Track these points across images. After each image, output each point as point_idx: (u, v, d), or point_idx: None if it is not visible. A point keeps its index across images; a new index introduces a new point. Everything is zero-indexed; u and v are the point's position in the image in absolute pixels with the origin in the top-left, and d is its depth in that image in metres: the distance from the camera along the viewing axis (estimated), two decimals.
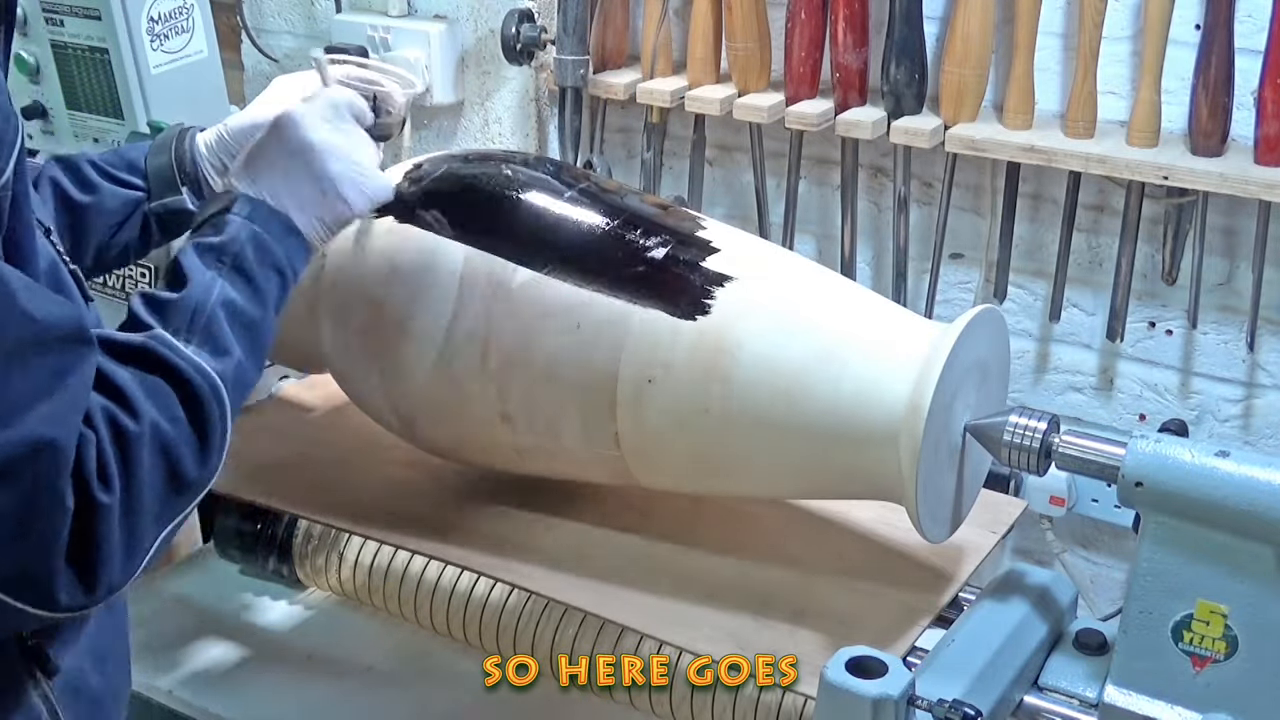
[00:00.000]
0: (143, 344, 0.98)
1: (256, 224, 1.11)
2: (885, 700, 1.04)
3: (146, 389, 0.95)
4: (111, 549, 0.91)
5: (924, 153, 2.01)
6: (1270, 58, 1.74)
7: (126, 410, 0.93)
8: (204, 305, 1.03)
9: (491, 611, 1.47)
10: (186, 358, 0.99)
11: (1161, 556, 1.08)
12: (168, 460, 0.95)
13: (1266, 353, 1.92)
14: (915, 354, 1.17)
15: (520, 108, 2.31)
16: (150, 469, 0.93)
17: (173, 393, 0.97)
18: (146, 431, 0.93)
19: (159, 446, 0.94)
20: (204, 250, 1.08)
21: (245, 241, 1.09)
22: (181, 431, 0.96)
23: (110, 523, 0.90)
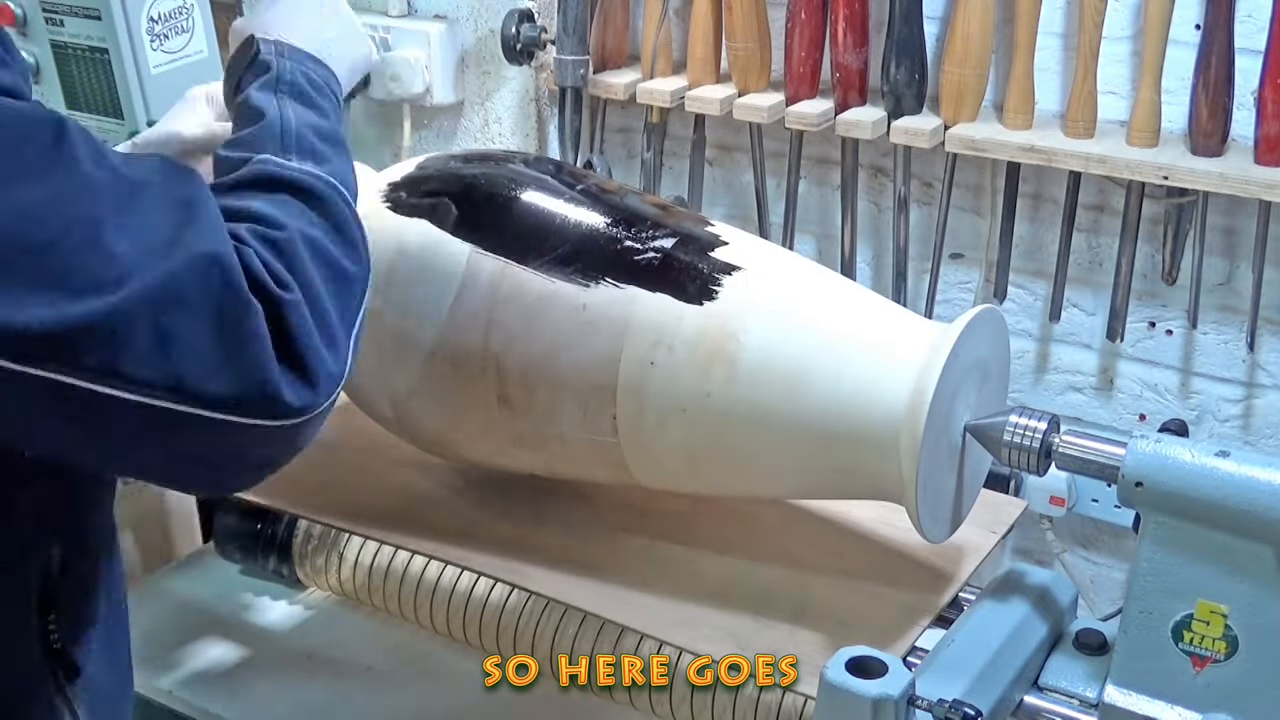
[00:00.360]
0: (253, 171, 0.99)
1: (290, 60, 1.11)
2: (885, 700, 1.04)
3: (276, 204, 0.96)
4: (313, 340, 0.91)
5: (924, 153, 2.01)
6: (1270, 58, 1.74)
7: (269, 224, 0.94)
8: (289, 126, 1.04)
9: (491, 611, 1.47)
10: (297, 169, 1.00)
11: (1161, 556, 1.08)
12: (325, 259, 0.95)
13: (1266, 353, 1.92)
14: (915, 354, 1.17)
15: (520, 108, 2.31)
16: (313, 268, 0.94)
17: (300, 202, 0.97)
18: (296, 237, 0.94)
19: (312, 248, 0.95)
20: (261, 86, 1.08)
21: (291, 72, 1.10)
22: (326, 233, 0.97)
23: (302, 316, 0.90)
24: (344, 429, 1.56)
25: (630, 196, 1.36)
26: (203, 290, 0.86)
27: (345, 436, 1.55)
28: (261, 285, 0.89)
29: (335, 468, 1.49)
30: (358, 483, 1.46)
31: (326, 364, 0.92)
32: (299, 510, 1.46)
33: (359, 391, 1.42)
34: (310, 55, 1.13)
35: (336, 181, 1.01)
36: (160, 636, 1.58)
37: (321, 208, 0.98)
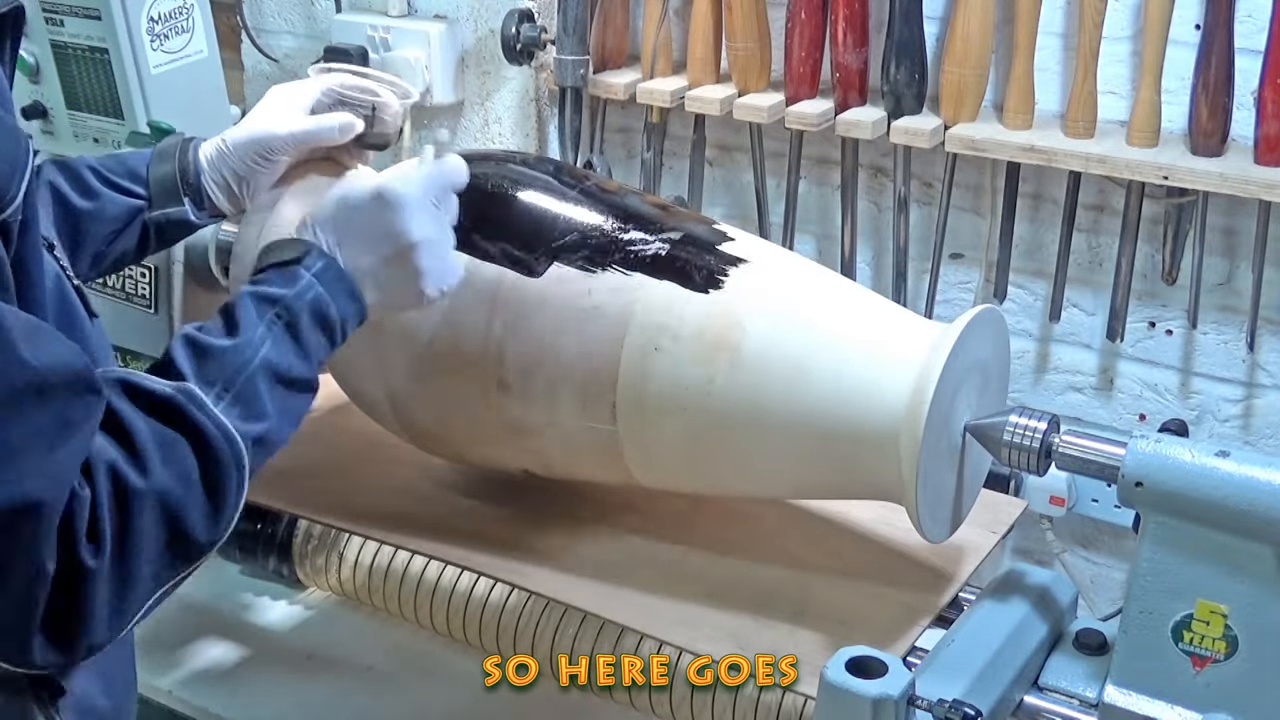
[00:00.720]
0: (170, 397, 0.95)
1: (323, 284, 1.08)
2: (885, 700, 1.04)
3: (162, 445, 0.92)
4: (94, 612, 0.88)
5: (924, 153, 2.01)
6: (1270, 58, 1.74)
7: (135, 465, 0.90)
8: (247, 364, 1.00)
9: (491, 611, 1.47)
10: (214, 418, 0.95)
11: (1161, 556, 1.08)
12: (172, 522, 0.92)
13: (1266, 353, 1.92)
14: (915, 354, 1.17)
15: (520, 108, 2.31)
16: (151, 530, 0.90)
17: (191, 453, 0.93)
18: (153, 491, 0.90)
19: (164, 507, 0.91)
20: (261, 301, 1.05)
21: (307, 302, 1.06)
22: (193, 494, 0.93)
23: (96, 586, 0.87)
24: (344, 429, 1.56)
25: (632, 196, 1.36)
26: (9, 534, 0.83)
27: (345, 437, 1.55)
28: (73, 544, 0.85)
29: (335, 468, 1.49)
30: (358, 483, 1.46)
31: (95, 636, 0.89)
32: (299, 510, 1.46)
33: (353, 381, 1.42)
34: (348, 286, 1.09)
35: (244, 445, 0.97)
36: (160, 636, 1.57)
37: (210, 469, 0.94)
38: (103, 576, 0.87)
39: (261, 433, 0.99)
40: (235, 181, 1.34)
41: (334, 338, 1.09)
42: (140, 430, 0.92)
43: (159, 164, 1.33)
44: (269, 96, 1.37)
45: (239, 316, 1.03)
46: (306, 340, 1.05)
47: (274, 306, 1.05)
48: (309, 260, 1.08)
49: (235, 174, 1.34)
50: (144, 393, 0.94)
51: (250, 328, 1.02)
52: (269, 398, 1.01)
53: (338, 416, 1.60)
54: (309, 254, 1.09)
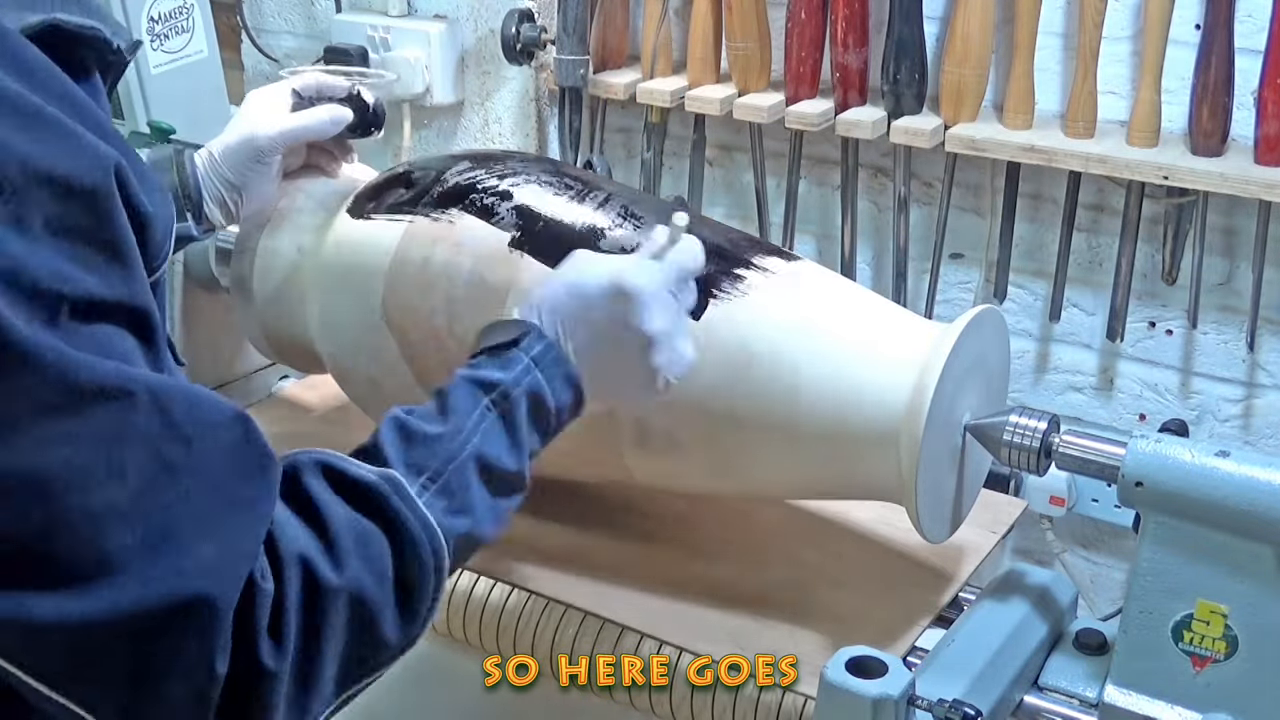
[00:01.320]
0: (371, 484, 0.87)
1: (541, 369, 1.00)
2: (885, 700, 1.04)
3: (358, 537, 0.84)
4: (274, 716, 0.79)
5: (924, 153, 2.01)
6: (1270, 58, 1.74)
7: (330, 559, 0.82)
8: (456, 453, 0.93)
9: (491, 611, 1.47)
10: (418, 512, 0.88)
11: (1161, 556, 1.08)
12: (364, 622, 0.84)
13: (1266, 353, 1.92)
14: (915, 354, 1.17)
15: (520, 108, 2.31)
16: (339, 630, 0.82)
17: (389, 547, 0.85)
18: (346, 588, 0.82)
19: (356, 606, 0.83)
20: (477, 385, 0.98)
21: (525, 389, 0.98)
22: (386, 593, 0.85)
23: (277, 691, 0.78)
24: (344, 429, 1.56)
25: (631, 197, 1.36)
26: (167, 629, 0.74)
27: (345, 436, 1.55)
28: (253, 643, 0.77)
29: None
30: None
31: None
32: None
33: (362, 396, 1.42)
34: (566, 371, 1.01)
35: (447, 543, 0.89)
36: None
37: (407, 563, 0.86)
38: (283, 679, 0.79)
39: (465, 530, 0.92)
40: (229, 190, 1.32)
41: (548, 428, 1.01)
42: (337, 518, 0.84)
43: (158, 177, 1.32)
44: (247, 102, 1.35)
45: (451, 401, 0.96)
46: (520, 431, 0.98)
47: (489, 393, 0.97)
48: (527, 342, 1.01)
49: (228, 182, 1.32)
50: (349, 479, 0.87)
51: (464, 415, 0.95)
52: (477, 493, 0.94)
53: (338, 416, 1.60)
54: (527, 335, 1.01)
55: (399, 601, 0.86)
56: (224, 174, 1.32)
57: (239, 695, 0.77)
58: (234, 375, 1.70)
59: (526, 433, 0.98)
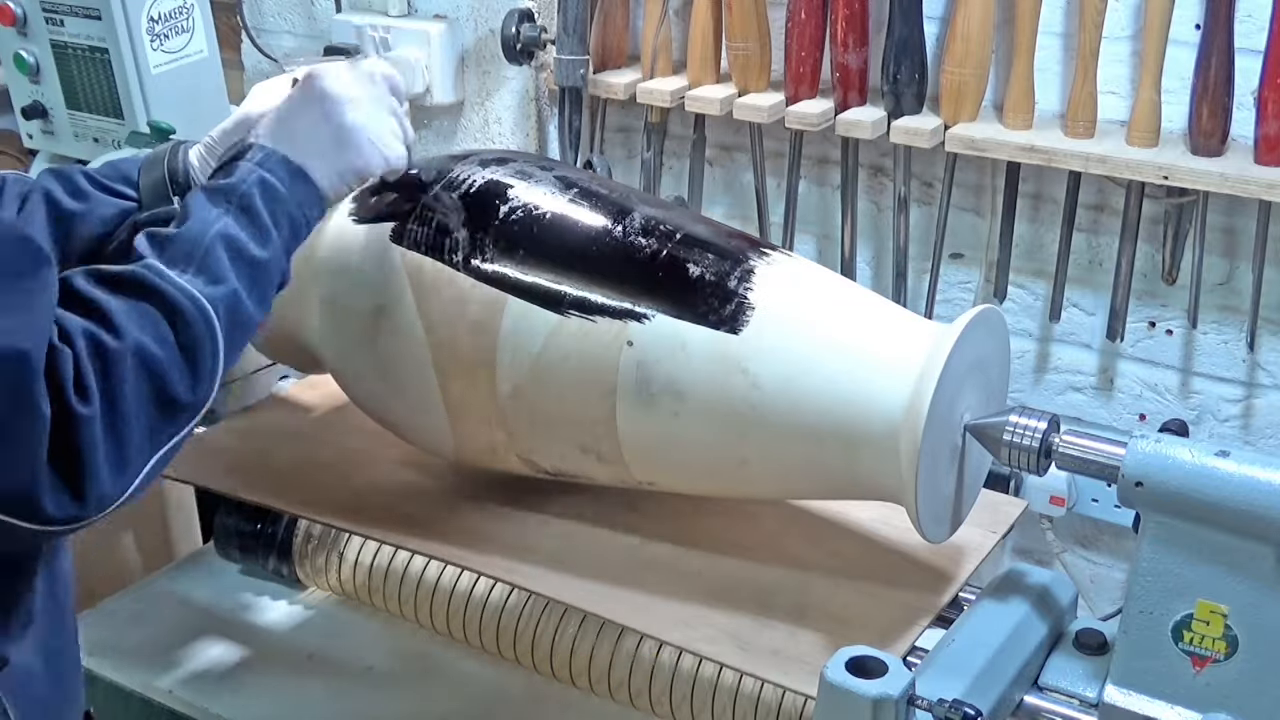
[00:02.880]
0: (131, 271, 1.00)
1: (266, 169, 1.12)
2: (885, 700, 1.04)
3: (131, 311, 0.97)
4: (96, 459, 0.92)
5: (924, 153, 2.01)
6: (1270, 58, 1.74)
7: (108, 329, 0.95)
8: (202, 237, 1.04)
9: (491, 611, 1.47)
10: (175, 283, 1.00)
11: (1161, 556, 1.08)
12: (153, 379, 0.96)
13: (1266, 353, 1.92)
14: (915, 354, 1.17)
15: (520, 108, 2.31)
16: (134, 385, 0.95)
17: (160, 316, 0.98)
18: (129, 350, 0.95)
19: (143, 365, 0.95)
20: (211, 191, 1.10)
21: (253, 184, 1.10)
22: (169, 353, 0.97)
23: (92, 433, 0.91)
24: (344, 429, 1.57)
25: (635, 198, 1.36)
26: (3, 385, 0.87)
27: (345, 436, 1.55)
28: (60, 392, 0.90)
29: (335, 468, 1.49)
30: (358, 483, 1.47)
31: (102, 483, 0.93)
32: (299, 510, 1.46)
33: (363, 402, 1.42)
34: (293, 168, 1.14)
35: (215, 304, 1.01)
36: (160, 636, 1.58)
37: (180, 328, 0.99)
38: (96, 423, 0.91)
39: (227, 295, 1.03)
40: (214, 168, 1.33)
41: (294, 220, 1.12)
42: (106, 301, 0.96)
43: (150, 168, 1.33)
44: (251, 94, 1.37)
45: (191, 206, 1.08)
46: (262, 220, 1.09)
47: (223, 193, 1.09)
48: (249, 154, 1.13)
49: None
50: (107, 274, 0.99)
51: (202, 211, 1.07)
52: (231, 268, 1.04)
53: (338, 416, 1.60)
54: (248, 149, 1.14)
55: (182, 362, 0.98)
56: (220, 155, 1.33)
57: (62, 442, 0.90)
58: (234, 375, 1.70)
59: (269, 221, 1.09)
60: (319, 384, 1.65)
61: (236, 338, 1.04)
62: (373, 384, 1.39)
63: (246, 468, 1.50)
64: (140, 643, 1.57)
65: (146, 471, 0.97)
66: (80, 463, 0.91)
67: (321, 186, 1.16)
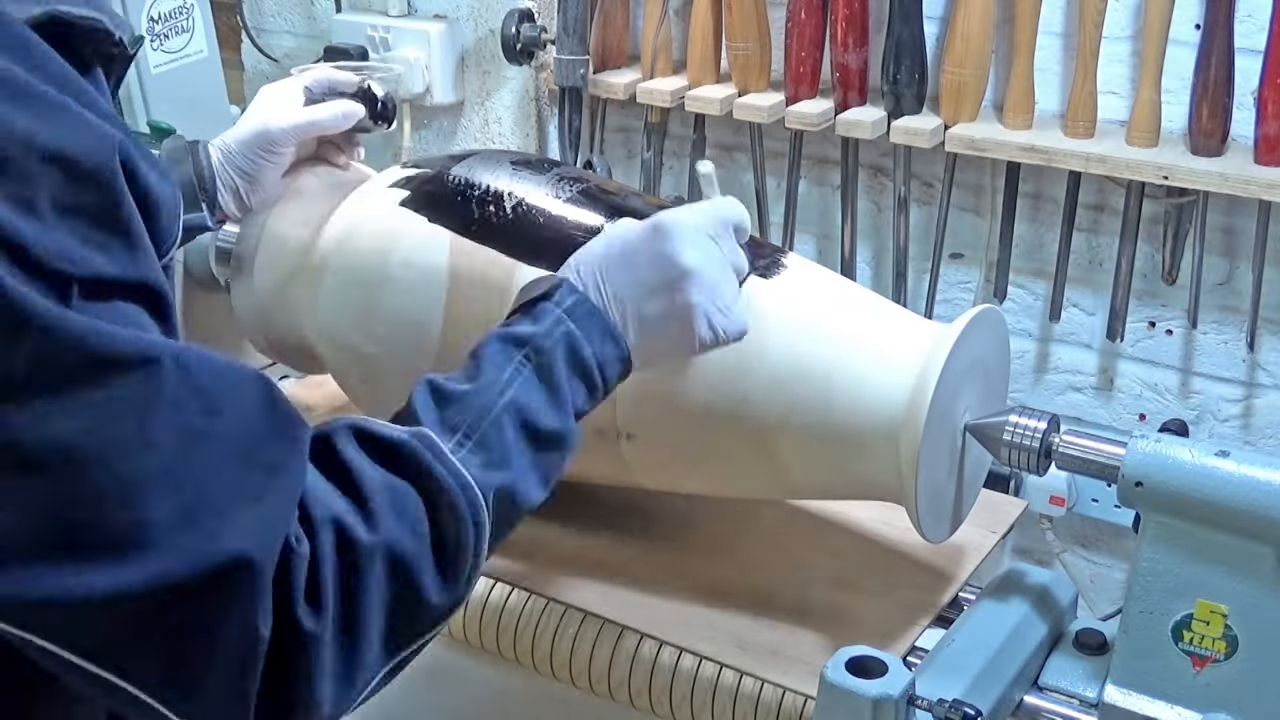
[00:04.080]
0: (402, 442, 0.86)
1: (575, 321, 0.98)
2: (885, 700, 1.04)
3: (392, 496, 0.83)
4: (317, 682, 0.78)
5: (924, 153, 2.01)
6: (1270, 58, 1.74)
7: (363, 518, 0.81)
8: (490, 407, 0.91)
9: (491, 611, 1.47)
10: (450, 465, 0.86)
11: (1161, 556, 1.08)
12: (403, 581, 0.82)
13: (1266, 353, 1.92)
14: (915, 354, 1.17)
15: (520, 108, 2.31)
16: (380, 590, 0.81)
17: (424, 504, 0.84)
18: (380, 546, 0.81)
19: (394, 564, 0.82)
20: (508, 341, 0.95)
21: (558, 339, 0.96)
22: (424, 549, 0.84)
23: (318, 652, 0.78)
24: None
25: (633, 197, 1.36)
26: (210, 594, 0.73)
27: None
28: (290, 605, 0.76)
29: None
30: None
31: (322, 706, 0.79)
32: None
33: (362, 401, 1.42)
34: (602, 323, 0.99)
35: (484, 496, 0.87)
36: None
37: (443, 519, 0.85)
38: (325, 641, 0.78)
39: (505, 484, 0.89)
40: (242, 181, 1.34)
41: (592, 383, 0.98)
42: (370, 479, 0.83)
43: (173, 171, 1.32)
44: (260, 96, 1.37)
45: (483, 359, 0.94)
46: (559, 385, 0.95)
47: (522, 348, 0.95)
48: (559, 295, 0.99)
49: (242, 172, 1.34)
50: (376, 439, 0.86)
51: (495, 369, 0.93)
52: (515, 447, 0.91)
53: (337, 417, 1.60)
54: (560, 288, 0.99)
55: (438, 559, 0.84)
56: (237, 164, 1.33)
57: (281, 660, 0.76)
58: None
59: (566, 386, 0.96)
60: (319, 384, 1.65)
61: (506, 530, 0.91)
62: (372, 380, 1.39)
63: None
64: None
65: (374, 684, 0.85)
66: (300, 687, 0.77)
67: (633, 349, 1.01)
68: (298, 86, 1.36)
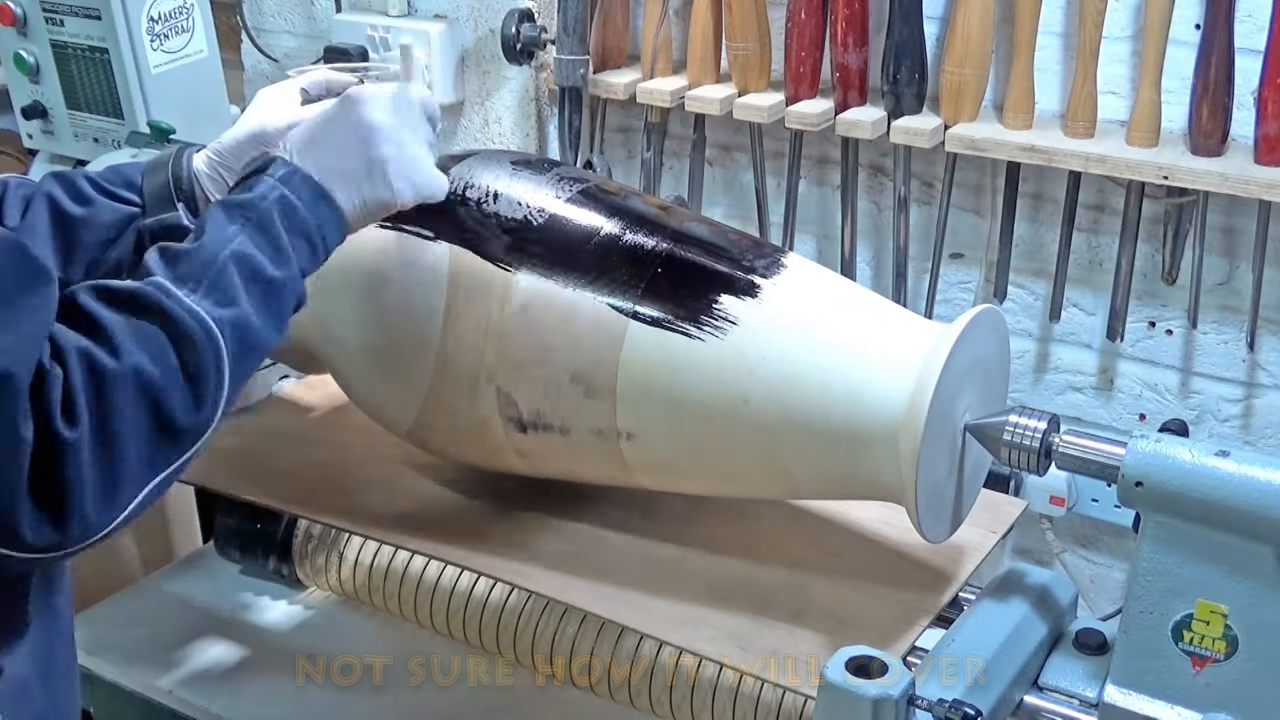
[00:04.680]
0: (137, 289, 0.97)
1: (288, 187, 1.09)
2: (885, 700, 1.04)
3: (133, 331, 0.94)
4: (81, 487, 0.89)
5: (924, 153, 2.01)
6: (1270, 58, 1.74)
7: (106, 349, 0.92)
8: (215, 256, 1.01)
9: (491, 611, 1.48)
10: (182, 303, 0.97)
11: (1161, 556, 1.08)
12: (152, 402, 0.93)
13: (1266, 353, 1.92)
14: (915, 354, 1.17)
15: (520, 108, 2.31)
16: (130, 409, 0.91)
17: (164, 336, 0.95)
18: (128, 371, 0.91)
19: (142, 387, 0.92)
20: (229, 206, 1.07)
21: (273, 202, 1.07)
22: (170, 375, 0.94)
23: (78, 459, 0.88)
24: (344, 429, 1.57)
25: (634, 198, 1.36)
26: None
27: (345, 436, 1.55)
28: (47, 417, 0.87)
29: (335, 468, 1.49)
30: (358, 483, 1.46)
31: (87, 512, 0.90)
32: (299, 510, 1.46)
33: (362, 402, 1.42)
34: (317, 189, 1.11)
35: (219, 327, 0.98)
36: (160, 636, 1.58)
37: (183, 350, 0.95)
38: (83, 449, 0.88)
39: (237, 317, 0.99)
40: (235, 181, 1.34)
41: (312, 242, 1.09)
42: (108, 319, 0.93)
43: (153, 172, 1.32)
44: (257, 99, 1.36)
45: (207, 224, 1.04)
46: (280, 241, 1.06)
47: (241, 209, 1.06)
48: (272, 168, 1.10)
49: (235, 173, 1.33)
50: (112, 290, 0.96)
51: (218, 228, 1.03)
52: (243, 289, 1.01)
53: (338, 416, 1.60)
54: (273, 163, 1.11)
55: (184, 384, 0.95)
56: (230, 164, 1.33)
57: (45, 465, 0.87)
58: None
59: (286, 240, 1.06)
60: (319, 384, 1.65)
61: (245, 361, 1.01)
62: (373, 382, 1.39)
63: (246, 468, 1.50)
64: (140, 643, 1.57)
65: (140, 499, 0.94)
66: (63, 490, 0.88)
67: (345, 210, 1.13)
68: (294, 88, 1.36)
